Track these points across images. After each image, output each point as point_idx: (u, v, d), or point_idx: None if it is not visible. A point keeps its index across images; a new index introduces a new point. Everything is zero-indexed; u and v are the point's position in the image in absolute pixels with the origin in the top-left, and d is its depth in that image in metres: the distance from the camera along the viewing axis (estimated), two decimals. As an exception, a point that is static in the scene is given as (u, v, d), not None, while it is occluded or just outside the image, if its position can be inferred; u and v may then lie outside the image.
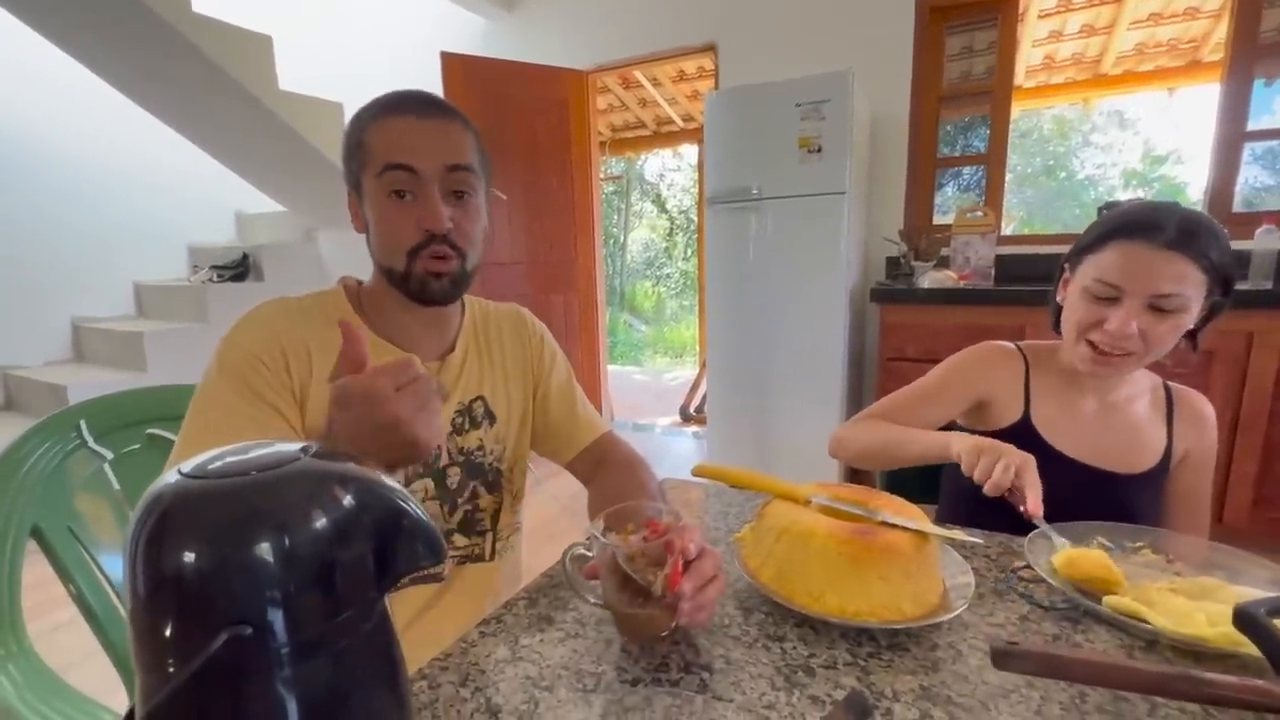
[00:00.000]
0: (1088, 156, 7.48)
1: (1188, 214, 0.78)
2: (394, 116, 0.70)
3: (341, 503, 0.30)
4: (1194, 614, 0.55)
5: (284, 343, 0.70)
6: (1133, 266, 0.78)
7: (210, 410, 0.67)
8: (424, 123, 0.70)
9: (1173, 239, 0.76)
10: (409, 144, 0.69)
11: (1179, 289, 0.76)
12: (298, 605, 0.28)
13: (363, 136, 0.71)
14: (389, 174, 0.69)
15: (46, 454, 0.79)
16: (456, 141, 0.72)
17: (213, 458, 0.31)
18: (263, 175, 3.30)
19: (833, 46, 2.75)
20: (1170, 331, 0.79)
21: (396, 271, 0.72)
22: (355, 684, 0.32)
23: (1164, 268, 0.76)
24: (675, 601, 0.52)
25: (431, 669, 0.54)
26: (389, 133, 0.70)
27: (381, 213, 0.71)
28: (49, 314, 3.04)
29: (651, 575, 0.53)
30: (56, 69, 2.73)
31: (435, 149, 0.70)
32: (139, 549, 0.27)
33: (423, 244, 0.70)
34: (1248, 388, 1.88)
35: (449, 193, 0.72)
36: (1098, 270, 0.82)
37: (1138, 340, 0.79)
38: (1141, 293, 0.78)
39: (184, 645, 0.27)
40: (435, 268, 0.71)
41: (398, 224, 0.70)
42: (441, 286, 0.73)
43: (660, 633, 0.55)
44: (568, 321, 3.48)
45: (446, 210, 0.70)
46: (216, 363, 0.69)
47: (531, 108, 3.17)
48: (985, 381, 0.95)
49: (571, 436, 0.89)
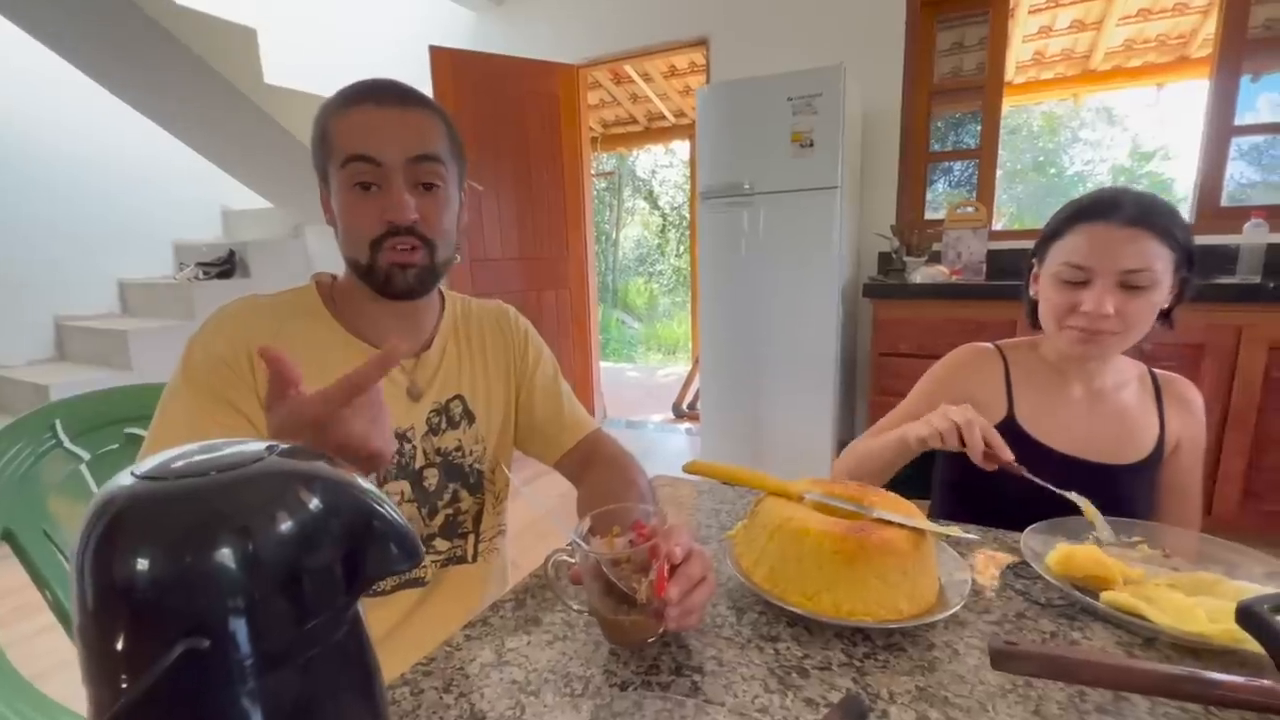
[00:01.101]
0: (1077, 152, 7.52)
1: (1142, 194, 0.82)
2: (356, 106, 0.68)
3: (307, 504, 0.28)
4: (1193, 610, 0.54)
5: (249, 342, 0.68)
6: (1097, 246, 0.80)
7: (173, 414, 0.65)
8: (386, 112, 0.68)
9: (1132, 216, 0.79)
10: (371, 134, 0.67)
11: (1145, 264, 0.78)
12: (260, 614, 0.26)
13: (327, 126, 0.69)
14: (351, 165, 0.67)
15: (19, 455, 0.77)
16: (423, 131, 0.70)
17: (171, 458, 0.29)
18: (249, 170, 3.26)
19: (824, 41, 2.74)
20: (1146, 309, 0.80)
21: (361, 264, 0.70)
22: (326, 695, 0.30)
23: (1128, 245, 0.79)
24: (662, 607, 0.51)
25: (414, 674, 0.52)
26: (351, 123, 0.68)
27: (345, 204, 0.69)
28: (31, 312, 2.98)
29: (636, 582, 0.51)
30: (38, 63, 2.67)
31: (399, 139, 0.68)
32: (87, 555, 0.25)
33: (386, 235, 0.69)
34: (1237, 382, 1.89)
35: (415, 184, 0.70)
36: (1065, 255, 0.84)
37: (1115, 319, 0.80)
38: (1110, 271, 0.80)
39: (136, 659, 0.25)
40: (400, 259, 0.70)
41: (360, 215, 0.69)
42: (407, 279, 0.71)
43: (647, 638, 0.54)
44: (559, 318, 3.46)
45: (412, 201, 0.68)
46: (181, 366, 0.67)
47: (521, 102, 3.14)
48: (967, 385, 0.95)
49: (558, 436, 0.87)
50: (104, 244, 3.21)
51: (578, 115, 3.34)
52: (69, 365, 2.94)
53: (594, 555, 0.53)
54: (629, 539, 0.55)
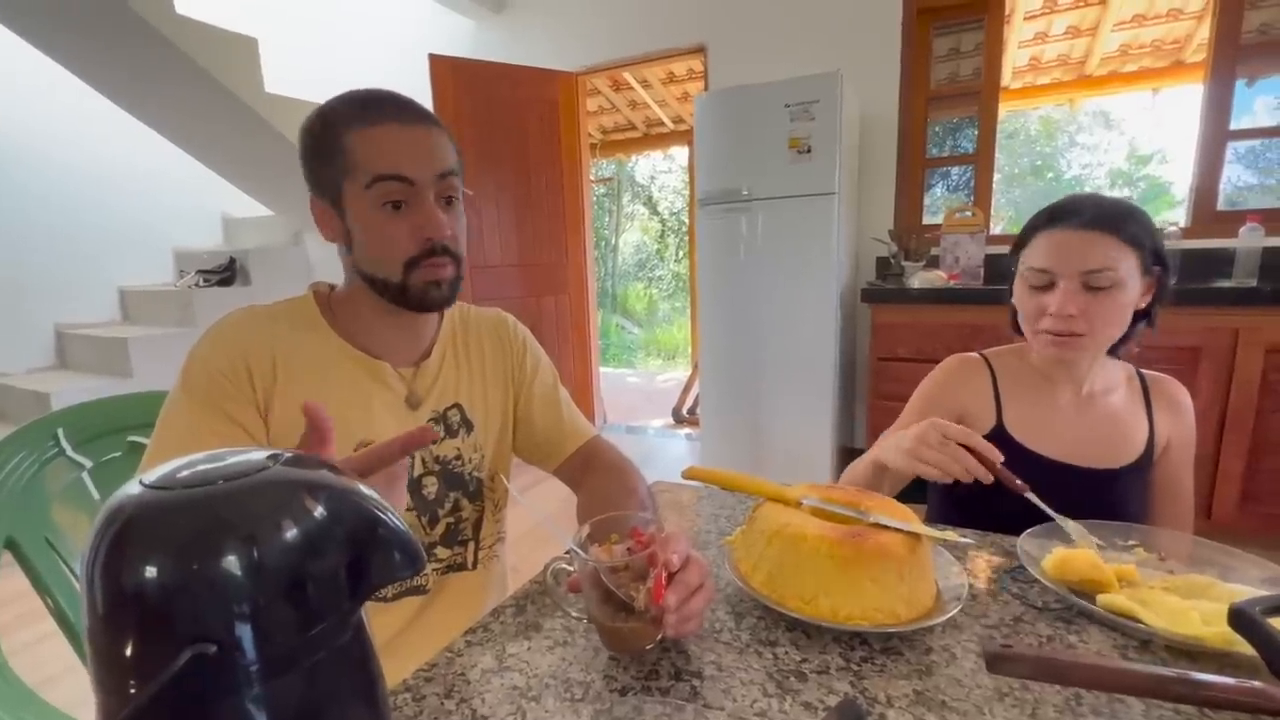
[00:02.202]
0: (1074, 156, 7.55)
1: (1103, 199, 0.85)
2: (378, 124, 0.67)
3: (312, 512, 0.29)
4: (1188, 612, 0.55)
5: (248, 354, 0.69)
6: (1057, 250, 0.83)
7: (174, 426, 0.66)
8: (411, 130, 0.68)
9: (1089, 220, 0.82)
10: (401, 153, 0.67)
11: (1105, 264, 0.80)
12: (267, 620, 0.27)
13: (343, 141, 0.67)
14: (382, 185, 0.67)
15: (21, 464, 0.78)
16: (443, 147, 0.71)
17: (178, 467, 0.29)
18: (249, 178, 3.27)
19: (822, 48, 2.76)
20: (1112, 309, 0.82)
21: (393, 283, 0.70)
22: (330, 700, 0.31)
23: (1086, 246, 0.81)
24: (660, 614, 0.51)
25: (416, 680, 0.52)
26: (376, 141, 0.67)
27: (374, 223, 0.69)
28: (32, 320, 2.99)
29: (634, 590, 0.52)
30: (38, 72, 2.69)
31: (427, 157, 0.69)
32: (97, 563, 0.26)
33: (423, 254, 0.69)
34: (1234, 385, 1.89)
35: (440, 199, 0.70)
36: (1030, 260, 0.87)
37: (1081, 320, 0.82)
38: (1071, 272, 0.82)
39: (145, 665, 0.25)
40: (436, 276, 0.71)
41: (393, 235, 0.69)
42: (442, 294, 0.72)
43: (646, 645, 0.54)
44: (559, 324, 3.46)
45: (444, 217, 0.70)
46: (181, 377, 0.68)
47: (521, 110, 3.16)
48: (957, 396, 0.96)
49: (557, 443, 0.88)
50: (105, 252, 3.22)
51: (577, 122, 3.36)
52: (70, 373, 2.94)
53: (592, 563, 0.53)
54: (627, 547, 0.55)
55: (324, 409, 0.47)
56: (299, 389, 0.70)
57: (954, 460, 0.69)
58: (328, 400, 0.71)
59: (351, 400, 0.73)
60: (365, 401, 0.73)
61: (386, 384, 0.75)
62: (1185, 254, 2.23)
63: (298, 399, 0.68)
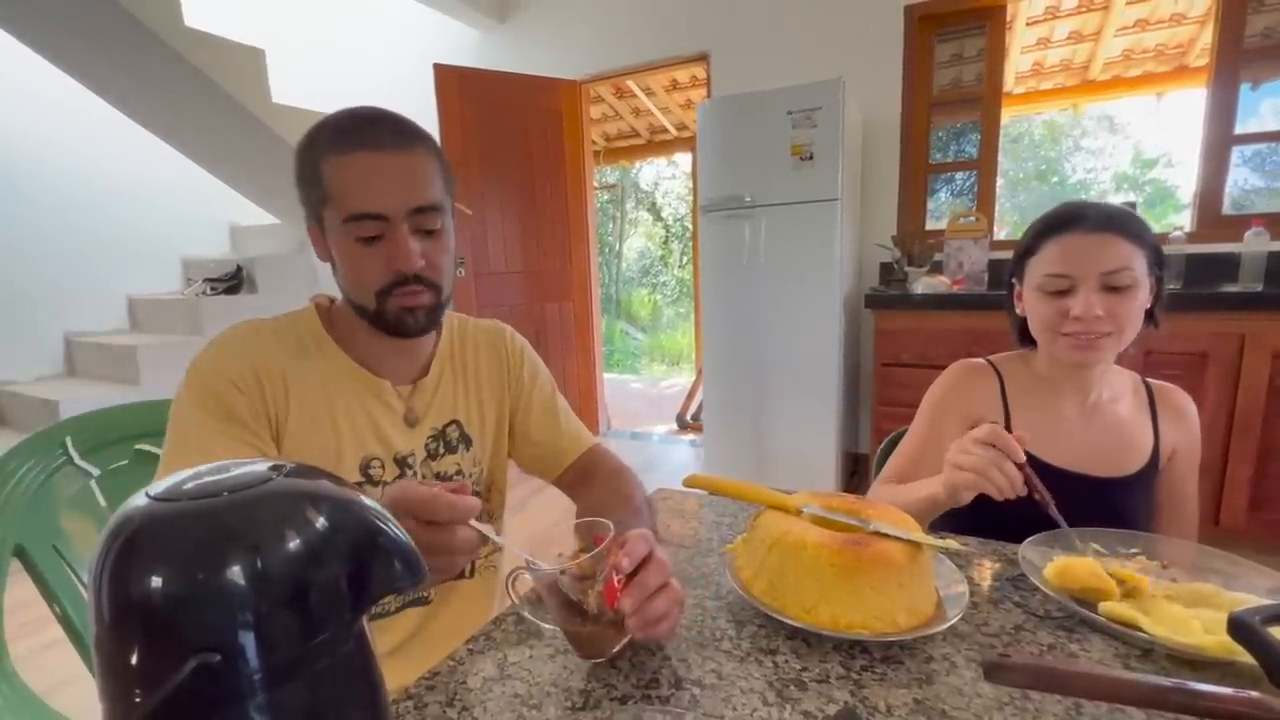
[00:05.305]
0: (1079, 161, 7.53)
1: (1102, 203, 0.87)
2: (354, 153, 0.65)
3: (315, 523, 0.29)
4: (1190, 621, 0.54)
5: (257, 366, 0.69)
6: (1074, 254, 0.83)
7: (183, 434, 0.66)
8: (384, 158, 0.66)
9: (1099, 222, 0.83)
10: (372, 188, 0.65)
11: (1123, 263, 0.81)
12: (270, 629, 0.28)
13: (320, 170, 0.66)
14: (354, 223, 0.66)
15: (30, 472, 0.78)
16: (422, 177, 0.68)
17: (184, 479, 0.30)
18: (256, 187, 3.30)
19: (824, 55, 2.77)
20: (1133, 309, 0.83)
21: (369, 310, 0.71)
22: (333, 708, 0.31)
23: (1101, 248, 0.82)
24: (620, 618, 0.51)
25: (418, 688, 0.53)
26: (350, 173, 0.65)
27: (347, 254, 0.69)
28: (41, 329, 3.02)
29: (584, 594, 0.52)
30: (47, 83, 2.73)
31: (399, 189, 0.66)
32: (104, 573, 0.27)
33: (393, 284, 0.68)
34: (1241, 390, 1.88)
35: (417, 230, 0.69)
36: (1044, 268, 0.86)
37: (1108, 320, 0.82)
38: (1090, 275, 0.82)
39: (151, 673, 0.26)
40: (408, 303, 0.70)
41: (365, 267, 0.68)
42: (417, 320, 0.71)
43: (611, 649, 0.55)
44: (563, 330, 3.48)
45: (417, 248, 0.68)
46: (186, 387, 0.67)
47: (525, 118, 3.19)
48: (968, 402, 0.95)
49: (556, 454, 0.88)
50: (113, 260, 3.26)
51: (580, 129, 3.39)
52: (78, 381, 2.97)
53: (544, 571, 0.54)
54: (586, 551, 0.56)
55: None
56: (310, 410, 0.71)
57: (991, 464, 0.69)
58: (335, 417, 0.72)
59: (356, 416, 0.74)
60: (369, 418, 0.74)
61: (387, 402, 0.76)
62: (1191, 259, 2.22)
63: (308, 421, 0.70)
